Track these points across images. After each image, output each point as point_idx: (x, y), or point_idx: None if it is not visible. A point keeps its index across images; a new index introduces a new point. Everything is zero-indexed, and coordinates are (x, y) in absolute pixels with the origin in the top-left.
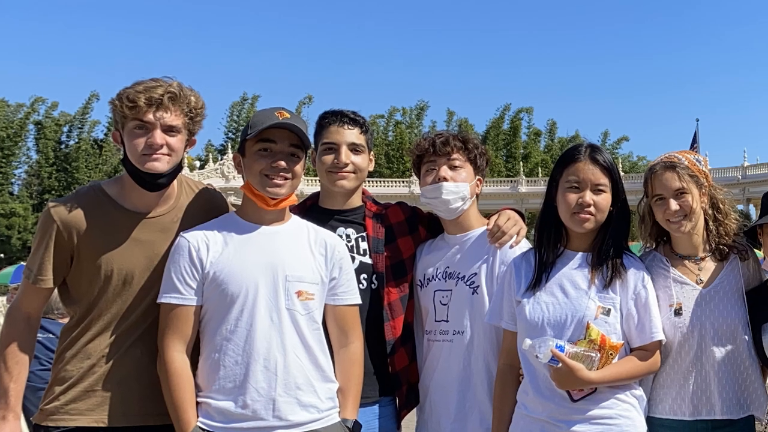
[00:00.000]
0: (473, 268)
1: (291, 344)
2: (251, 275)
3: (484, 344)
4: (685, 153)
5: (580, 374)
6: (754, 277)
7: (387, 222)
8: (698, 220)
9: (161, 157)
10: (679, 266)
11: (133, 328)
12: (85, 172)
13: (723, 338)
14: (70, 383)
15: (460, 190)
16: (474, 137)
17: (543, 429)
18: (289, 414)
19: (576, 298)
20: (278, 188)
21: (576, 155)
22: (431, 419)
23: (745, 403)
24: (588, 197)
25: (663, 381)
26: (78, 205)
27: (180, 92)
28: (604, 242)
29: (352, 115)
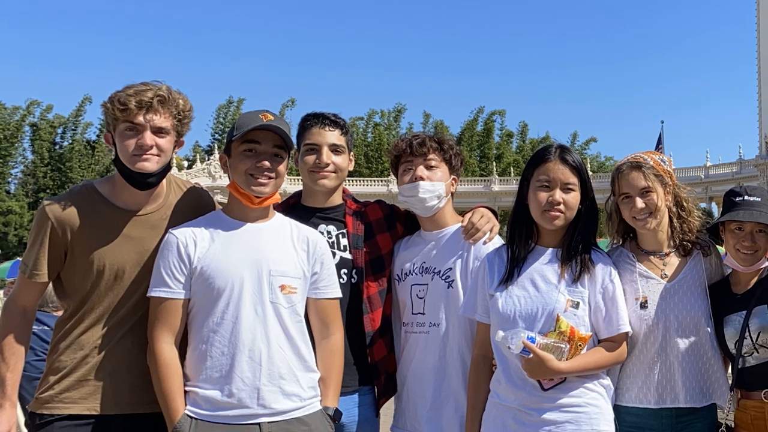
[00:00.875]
0: (448, 263)
1: (275, 336)
2: (237, 270)
3: (458, 336)
4: (650, 153)
5: (551, 364)
6: (716, 271)
7: (366, 219)
8: (663, 217)
9: (151, 158)
10: (645, 261)
11: (124, 321)
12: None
13: (686, 330)
14: (64, 373)
15: (436, 188)
16: (449, 138)
17: (515, 417)
18: (273, 402)
19: (546, 292)
20: (262, 187)
21: (546, 156)
22: (408, 407)
23: (707, 391)
24: (558, 196)
25: (629, 371)
26: (71, 204)
27: (169, 95)
28: (573, 238)
29: (333, 118)
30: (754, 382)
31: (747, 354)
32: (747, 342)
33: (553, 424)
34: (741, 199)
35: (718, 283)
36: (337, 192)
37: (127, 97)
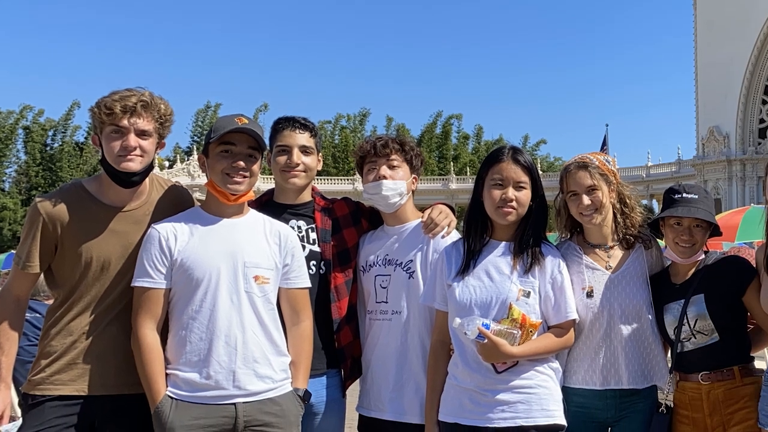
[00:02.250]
0: (409, 255)
1: (249, 323)
2: (214, 262)
3: (419, 323)
4: (596, 154)
5: (504, 349)
6: (656, 263)
7: (333, 215)
8: (607, 213)
9: (135, 158)
10: (591, 254)
11: (110, 309)
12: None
13: (629, 317)
14: (55, 357)
15: (398, 187)
16: (410, 140)
17: (471, 397)
18: (248, 384)
19: (500, 282)
20: (238, 185)
21: (500, 156)
22: (372, 389)
23: (648, 374)
24: (510, 193)
25: (576, 355)
26: (61, 200)
27: (151, 101)
28: (524, 233)
29: (303, 121)
30: (692, 366)
31: (685, 339)
32: (685, 328)
33: (506, 404)
34: (679, 197)
35: (659, 274)
36: (307, 190)
37: (112, 102)
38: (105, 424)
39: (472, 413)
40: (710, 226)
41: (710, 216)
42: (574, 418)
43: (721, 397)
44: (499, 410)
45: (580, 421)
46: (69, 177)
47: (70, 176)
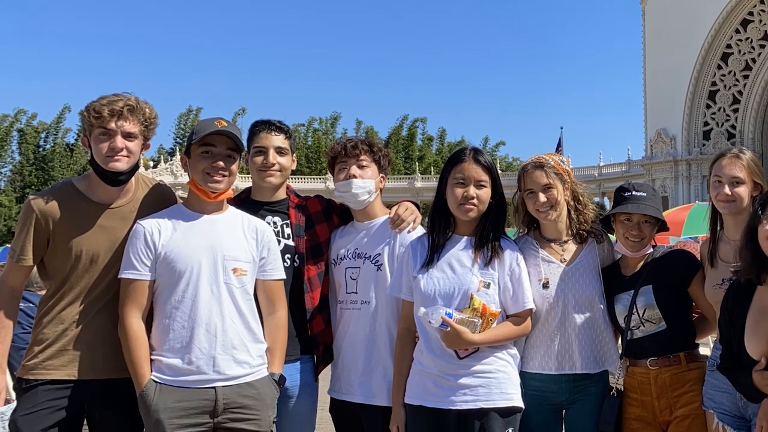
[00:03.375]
0: (378, 249)
1: (228, 312)
2: (195, 255)
3: (386, 312)
4: (551, 155)
5: (465, 336)
6: (608, 256)
7: (307, 212)
8: (562, 210)
9: (121, 159)
10: (547, 248)
11: (99, 299)
12: (59, 170)
13: (582, 307)
14: (47, 344)
15: (367, 185)
16: (378, 142)
17: (435, 381)
18: (227, 369)
19: (462, 274)
20: (217, 184)
21: (462, 157)
22: (343, 374)
23: (600, 360)
24: (472, 191)
25: (533, 342)
26: (53, 198)
27: (137, 105)
28: (485, 228)
29: (278, 124)
30: (641, 352)
31: (634, 327)
32: (634, 317)
33: (467, 388)
34: (629, 194)
35: (610, 267)
36: (282, 188)
37: (101, 107)
38: (94, 406)
39: (435, 396)
40: (658, 222)
41: (658, 212)
42: (531, 401)
43: (668, 382)
44: (461, 393)
45: (537, 403)
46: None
47: (61, 175)
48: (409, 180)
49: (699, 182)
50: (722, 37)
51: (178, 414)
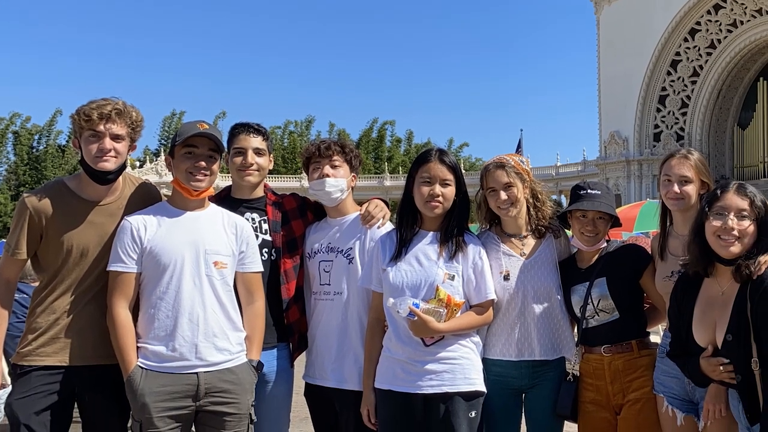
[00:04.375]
0: (349, 243)
1: (209, 302)
2: (179, 249)
3: (357, 302)
4: (512, 155)
5: (431, 325)
6: (565, 250)
7: (283, 208)
8: (522, 207)
9: (110, 159)
10: (507, 242)
11: (88, 290)
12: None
13: (541, 298)
14: (40, 332)
15: (339, 184)
16: (350, 143)
17: (403, 367)
18: (208, 356)
19: (428, 267)
20: (199, 182)
21: (428, 157)
22: (317, 360)
23: (557, 347)
24: (437, 189)
25: (495, 330)
26: (46, 196)
27: (124, 109)
28: (449, 224)
29: (256, 126)
30: (595, 340)
31: (589, 317)
32: (589, 307)
33: (433, 373)
34: (585, 192)
35: (567, 260)
36: (260, 186)
37: (90, 110)
38: (84, 390)
39: (404, 381)
40: (611, 218)
41: (611, 209)
42: (492, 386)
43: (621, 367)
44: (427, 378)
45: (498, 388)
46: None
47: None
48: (379, 179)
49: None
50: (671, 45)
51: (162, 398)
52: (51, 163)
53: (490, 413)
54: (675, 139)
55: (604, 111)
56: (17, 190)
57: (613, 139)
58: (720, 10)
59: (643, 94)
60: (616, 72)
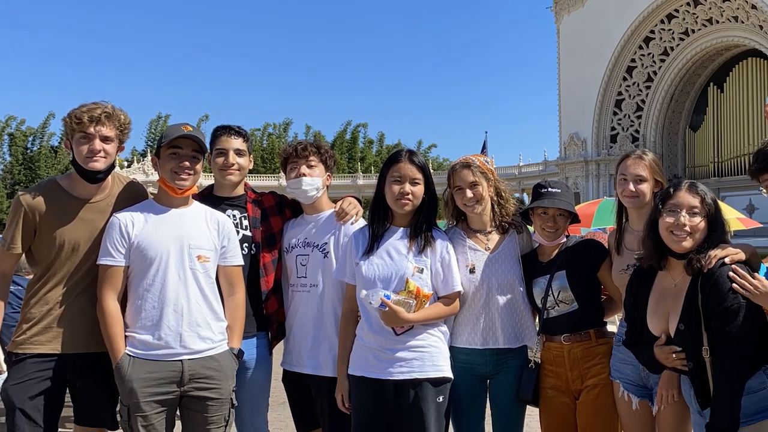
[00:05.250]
0: (324, 238)
1: (193, 294)
2: (164, 244)
3: (332, 294)
4: (477, 156)
5: (402, 315)
6: (527, 245)
7: (262, 206)
8: (487, 204)
9: (99, 159)
10: (473, 238)
11: (79, 283)
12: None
13: (504, 289)
14: (34, 322)
15: (315, 182)
16: (325, 145)
17: (375, 355)
18: (192, 344)
19: (398, 261)
20: (184, 181)
21: (398, 157)
22: (294, 348)
23: (520, 336)
24: (407, 188)
25: (461, 320)
26: (39, 194)
27: (113, 112)
28: (419, 220)
29: (237, 129)
30: (556, 329)
31: (550, 307)
32: (550, 299)
33: (403, 361)
34: (545, 190)
35: (528, 254)
36: (241, 185)
37: (81, 113)
38: (75, 377)
39: (376, 368)
40: (571, 215)
41: (571, 206)
42: (459, 372)
43: (580, 355)
44: (398, 365)
45: (464, 374)
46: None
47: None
48: (352, 178)
49: (607, 180)
50: (627, 53)
51: (149, 383)
52: (44, 163)
53: (456, 398)
54: (630, 140)
55: (564, 114)
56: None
57: (572, 141)
58: (673, 19)
59: (600, 98)
60: (575, 78)
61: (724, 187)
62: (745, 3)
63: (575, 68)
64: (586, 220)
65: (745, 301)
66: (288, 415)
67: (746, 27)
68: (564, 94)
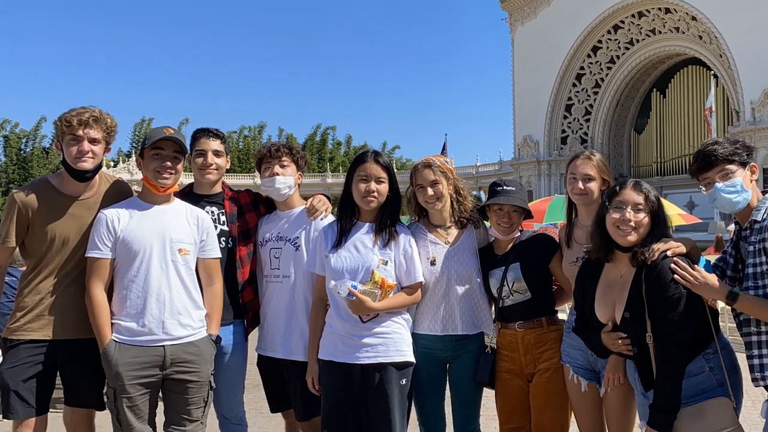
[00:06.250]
0: (296, 233)
1: (174, 284)
2: (147, 238)
3: (303, 284)
4: (437, 156)
5: (368, 304)
6: (483, 239)
7: (238, 203)
8: (446, 201)
9: (87, 160)
10: (434, 232)
11: (69, 274)
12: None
13: (463, 280)
14: (27, 310)
15: (287, 181)
16: (297, 146)
17: (343, 341)
18: (173, 331)
19: (365, 254)
20: (166, 180)
21: (365, 158)
22: (268, 334)
23: (477, 323)
24: (372, 186)
25: (423, 309)
26: (32, 192)
27: (100, 116)
28: (383, 216)
29: (215, 131)
30: (510, 317)
31: (505, 297)
32: (505, 289)
33: (369, 346)
34: (501, 188)
35: (485, 247)
36: (218, 183)
37: (71, 117)
38: (65, 361)
39: (343, 353)
40: (524, 211)
41: (524, 203)
42: (421, 357)
43: (533, 341)
44: (364, 351)
45: (426, 359)
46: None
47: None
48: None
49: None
50: (576, 61)
51: (133, 367)
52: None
53: (418, 381)
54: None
55: (518, 118)
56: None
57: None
58: (619, 30)
59: (551, 103)
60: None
61: (666, 186)
62: (686, 15)
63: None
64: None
65: (686, 291)
66: (262, 396)
67: (687, 37)
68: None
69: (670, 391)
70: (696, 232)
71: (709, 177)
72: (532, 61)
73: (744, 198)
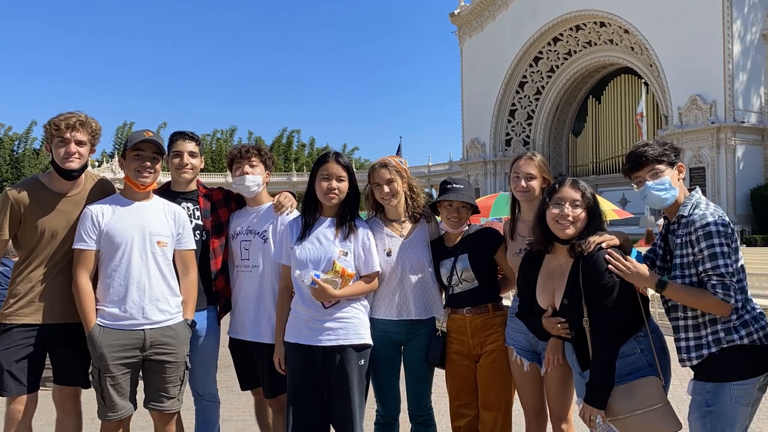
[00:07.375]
0: (264, 227)
1: (153, 273)
2: (129, 232)
3: (271, 274)
4: (393, 157)
5: (329, 291)
6: (435, 232)
7: (212, 199)
8: (401, 198)
9: (74, 160)
10: (390, 226)
11: (57, 264)
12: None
13: (416, 270)
14: (19, 297)
15: (256, 180)
16: (265, 147)
17: (306, 325)
18: (152, 316)
19: (326, 245)
20: (146, 179)
21: (326, 158)
22: (239, 320)
23: (429, 309)
24: (334, 184)
25: (379, 296)
26: (24, 189)
27: (86, 120)
28: (344, 211)
29: (190, 134)
30: (459, 303)
31: (455, 285)
32: (455, 278)
33: (331, 330)
34: (450, 186)
35: (436, 240)
36: (193, 182)
37: (59, 121)
38: (54, 343)
39: (307, 336)
40: (472, 207)
41: (472, 199)
42: (378, 340)
43: (480, 325)
44: (326, 334)
45: (382, 341)
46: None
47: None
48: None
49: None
50: (519, 70)
51: (116, 349)
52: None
53: (375, 361)
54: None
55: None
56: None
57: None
58: (558, 42)
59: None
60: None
61: (601, 183)
62: (619, 28)
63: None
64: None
65: (619, 279)
66: (233, 375)
67: (620, 48)
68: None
69: (605, 370)
70: (628, 225)
71: (640, 176)
72: (479, 70)
73: (672, 195)
